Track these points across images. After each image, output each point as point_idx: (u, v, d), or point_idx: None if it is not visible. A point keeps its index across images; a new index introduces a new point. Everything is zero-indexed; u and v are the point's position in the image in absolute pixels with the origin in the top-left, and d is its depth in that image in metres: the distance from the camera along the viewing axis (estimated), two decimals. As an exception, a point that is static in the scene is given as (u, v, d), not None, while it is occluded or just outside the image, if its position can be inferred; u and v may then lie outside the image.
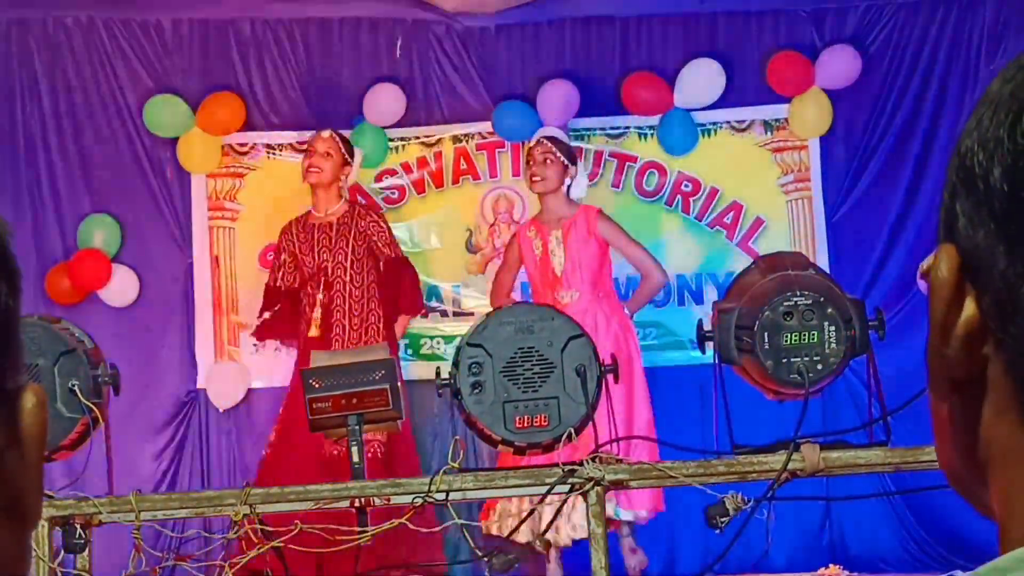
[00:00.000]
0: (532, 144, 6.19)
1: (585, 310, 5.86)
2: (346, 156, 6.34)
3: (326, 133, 6.34)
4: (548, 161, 6.06)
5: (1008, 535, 0.65)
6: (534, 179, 6.09)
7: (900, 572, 6.34)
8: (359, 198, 6.75)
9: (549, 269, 6.08)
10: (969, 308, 0.67)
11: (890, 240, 6.81)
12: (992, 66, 6.69)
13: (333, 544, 3.75)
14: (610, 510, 5.35)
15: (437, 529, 4.11)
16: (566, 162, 6.11)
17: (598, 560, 3.52)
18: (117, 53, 6.94)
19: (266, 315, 6.36)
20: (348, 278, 6.21)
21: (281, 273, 6.36)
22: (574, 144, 6.96)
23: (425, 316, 6.77)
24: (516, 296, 6.45)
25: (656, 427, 5.90)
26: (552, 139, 6.17)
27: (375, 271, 6.28)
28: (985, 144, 0.67)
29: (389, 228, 6.39)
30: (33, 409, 0.68)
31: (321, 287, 6.19)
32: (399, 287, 6.29)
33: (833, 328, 3.54)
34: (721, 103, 6.90)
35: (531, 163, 6.12)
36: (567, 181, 6.12)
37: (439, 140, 7.08)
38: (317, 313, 6.18)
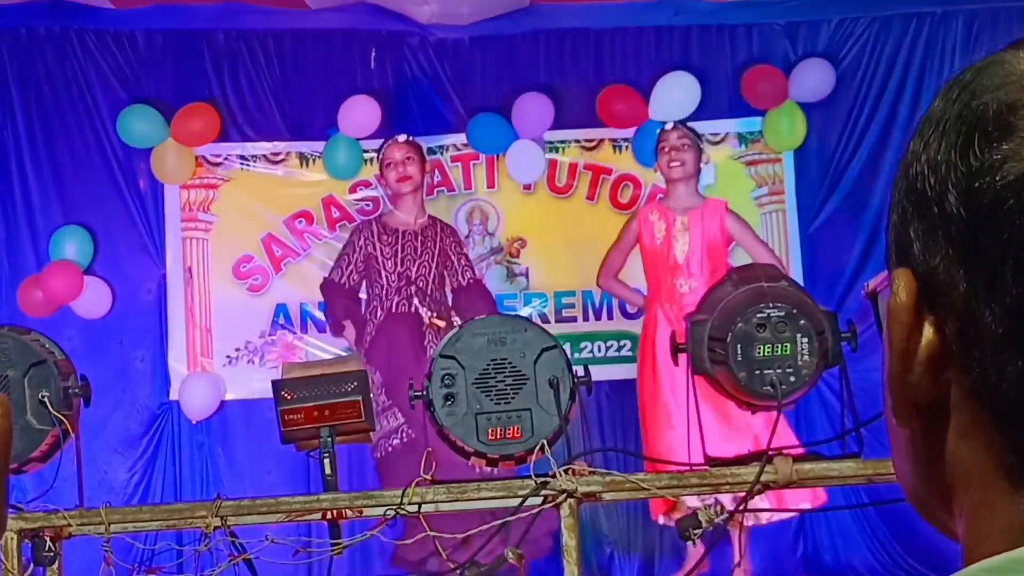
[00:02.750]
0: (667, 130, 6.12)
1: None
2: (424, 159, 6.32)
3: (402, 138, 6.29)
4: (685, 146, 6.02)
5: (973, 556, 0.65)
6: (672, 164, 6.01)
7: (873, 584, 6.36)
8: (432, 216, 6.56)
9: (670, 255, 5.99)
10: (928, 333, 0.67)
11: (863, 253, 6.83)
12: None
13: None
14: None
15: (410, 541, 4.10)
16: (701, 148, 6.10)
17: (570, 572, 3.50)
18: (90, 64, 6.90)
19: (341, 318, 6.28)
20: (429, 292, 6.16)
21: (350, 271, 6.29)
22: (548, 156, 6.97)
23: None
24: (625, 278, 6.29)
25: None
26: (687, 125, 6.15)
27: (444, 292, 6.25)
28: (936, 168, 0.66)
29: (467, 252, 6.38)
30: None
31: (413, 295, 6.11)
32: (479, 310, 6.03)
33: (806, 340, 3.54)
34: (696, 116, 6.91)
35: (666, 149, 6.04)
36: (701, 168, 6.12)
37: (413, 152, 7.06)
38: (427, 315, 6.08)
